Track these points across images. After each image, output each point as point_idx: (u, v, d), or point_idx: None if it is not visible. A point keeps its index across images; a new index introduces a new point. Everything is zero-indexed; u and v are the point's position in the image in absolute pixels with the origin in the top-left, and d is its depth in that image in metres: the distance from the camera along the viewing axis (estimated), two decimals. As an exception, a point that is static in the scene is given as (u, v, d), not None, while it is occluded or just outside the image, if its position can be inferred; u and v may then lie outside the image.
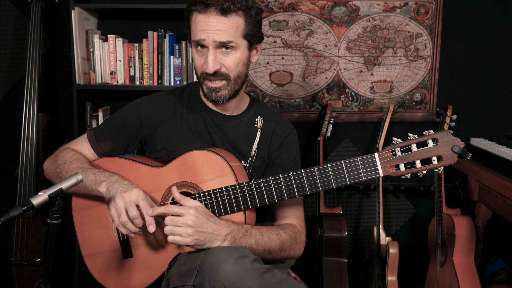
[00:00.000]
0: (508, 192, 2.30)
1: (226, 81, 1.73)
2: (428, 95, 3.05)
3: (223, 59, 1.70)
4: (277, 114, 1.97)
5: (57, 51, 3.11)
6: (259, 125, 1.89)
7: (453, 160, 1.47)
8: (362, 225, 3.22)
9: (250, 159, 1.86)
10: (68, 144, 1.95)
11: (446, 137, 1.47)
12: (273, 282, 1.50)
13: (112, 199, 1.65)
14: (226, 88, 1.74)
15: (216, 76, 1.71)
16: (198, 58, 1.74)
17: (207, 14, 1.66)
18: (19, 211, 1.36)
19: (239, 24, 1.68)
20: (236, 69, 1.73)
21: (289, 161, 1.90)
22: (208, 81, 1.73)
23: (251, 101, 1.95)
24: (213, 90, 1.74)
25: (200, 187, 1.71)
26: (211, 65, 1.68)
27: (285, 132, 1.92)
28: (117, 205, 1.63)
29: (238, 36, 1.69)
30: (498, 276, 2.97)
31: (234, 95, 1.79)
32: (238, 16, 1.68)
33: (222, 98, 1.75)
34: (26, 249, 2.82)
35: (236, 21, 1.68)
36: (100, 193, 1.71)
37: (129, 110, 1.90)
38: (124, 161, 1.85)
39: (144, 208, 1.62)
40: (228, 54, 1.70)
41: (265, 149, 1.90)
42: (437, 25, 2.98)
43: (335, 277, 2.70)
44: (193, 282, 1.53)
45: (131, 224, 1.63)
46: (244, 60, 1.76)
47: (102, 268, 1.87)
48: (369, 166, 1.53)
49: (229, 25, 1.66)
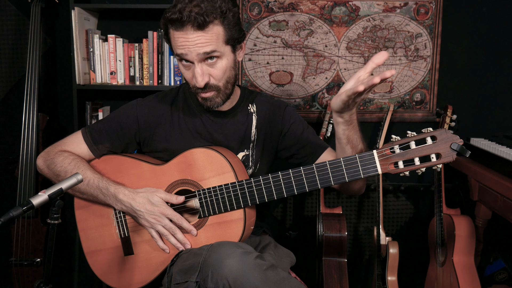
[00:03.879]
0: (508, 192, 2.29)
1: (216, 91, 1.75)
2: (428, 95, 3.05)
3: (210, 70, 1.70)
4: (266, 95, 2.01)
5: (57, 51, 3.11)
6: (253, 110, 1.92)
7: (452, 157, 1.47)
8: (362, 225, 3.22)
9: (252, 144, 1.88)
10: (62, 144, 1.91)
11: (445, 135, 1.47)
12: (275, 279, 1.51)
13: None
14: (218, 96, 1.77)
15: (206, 88, 1.73)
16: (186, 72, 1.74)
17: (184, 31, 1.63)
18: (19, 211, 1.36)
19: (219, 33, 1.66)
20: (224, 77, 1.74)
21: (299, 127, 1.93)
22: (201, 93, 1.75)
23: (242, 91, 1.97)
24: (206, 99, 1.76)
25: (200, 184, 1.72)
26: (200, 80, 1.68)
27: (281, 107, 1.95)
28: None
29: (220, 45, 1.67)
30: (498, 276, 2.97)
31: (227, 98, 1.81)
32: (216, 25, 1.65)
33: (216, 104, 1.78)
34: (26, 249, 2.81)
35: (216, 30, 1.65)
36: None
37: (126, 113, 1.90)
38: (126, 159, 1.85)
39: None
40: (214, 65, 1.70)
41: (266, 129, 1.92)
42: (437, 25, 2.98)
43: (335, 277, 2.69)
44: (196, 278, 1.54)
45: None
46: (231, 65, 1.75)
47: (104, 266, 1.87)
48: (367, 163, 1.52)
49: (208, 37, 1.64)
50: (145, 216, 1.73)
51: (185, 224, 1.72)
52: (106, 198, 1.78)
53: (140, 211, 1.73)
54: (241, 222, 1.68)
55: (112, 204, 1.79)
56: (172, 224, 1.73)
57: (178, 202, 1.74)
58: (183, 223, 1.72)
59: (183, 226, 1.72)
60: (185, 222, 1.72)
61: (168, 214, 1.72)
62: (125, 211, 1.78)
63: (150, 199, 1.72)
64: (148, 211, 1.72)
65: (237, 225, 1.69)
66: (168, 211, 1.72)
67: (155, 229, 1.75)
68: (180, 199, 1.73)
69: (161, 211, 1.72)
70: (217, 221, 1.71)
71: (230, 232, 1.69)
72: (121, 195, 1.75)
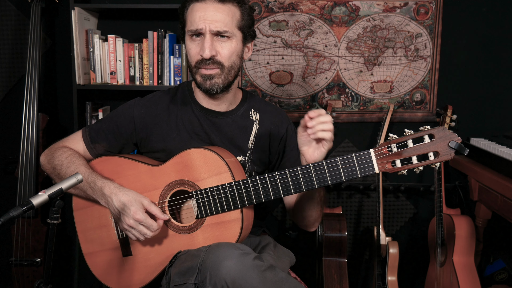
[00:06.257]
0: (508, 192, 2.29)
1: (220, 69, 1.76)
2: (428, 95, 3.04)
3: (219, 47, 1.75)
4: (271, 105, 2.01)
5: (57, 51, 3.12)
6: (255, 118, 1.91)
7: (450, 155, 1.46)
8: (362, 225, 3.21)
9: (249, 152, 1.88)
10: (64, 141, 1.94)
11: (443, 133, 1.46)
12: (274, 280, 1.50)
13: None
14: (220, 76, 1.77)
15: (211, 63, 1.74)
16: (194, 47, 1.77)
17: (205, 1, 1.73)
18: (19, 211, 1.36)
19: (234, 14, 1.75)
20: (230, 59, 1.77)
21: (294, 152, 1.94)
22: (203, 68, 1.76)
23: (244, 94, 1.97)
24: (207, 77, 1.76)
25: (197, 185, 1.71)
26: (207, 50, 1.72)
27: (284, 123, 1.95)
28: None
29: (233, 26, 1.75)
30: (498, 276, 2.96)
31: (228, 86, 1.81)
32: (234, 6, 1.75)
33: (216, 86, 1.77)
34: (26, 249, 2.82)
35: (233, 10, 1.75)
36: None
37: (123, 113, 1.91)
38: (123, 160, 1.85)
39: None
40: (224, 43, 1.75)
41: (265, 142, 1.92)
42: (437, 25, 2.97)
43: (335, 277, 2.69)
44: (194, 280, 1.54)
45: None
46: (238, 52, 1.80)
47: (102, 267, 1.88)
48: (364, 162, 1.52)
49: (225, 13, 1.72)
50: (120, 217, 1.71)
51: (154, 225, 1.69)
52: (94, 192, 1.76)
53: (116, 210, 1.70)
54: (238, 222, 1.68)
55: (98, 199, 1.76)
56: (145, 229, 1.69)
57: (164, 219, 1.71)
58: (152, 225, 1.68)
59: (152, 227, 1.69)
60: (154, 224, 1.68)
61: (140, 219, 1.67)
62: (108, 207, 1.75)
63: (134, 200, 1.69)
64: (124, 212, 1.68)
65: (235, 226, 1.68)
66: (140, 215, 1.67)
67: (130, 233, 1.71)
68: (165, 217, 1.72)
69: (133, 213, 1.67)
70: (214, 222, 1.71)
71: (228, 233, 1.69)
72: (106, 189, 1.73)
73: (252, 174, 1.90)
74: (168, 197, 1.76)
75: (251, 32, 1.84)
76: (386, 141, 1.52)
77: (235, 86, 1.90)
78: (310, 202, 1.79)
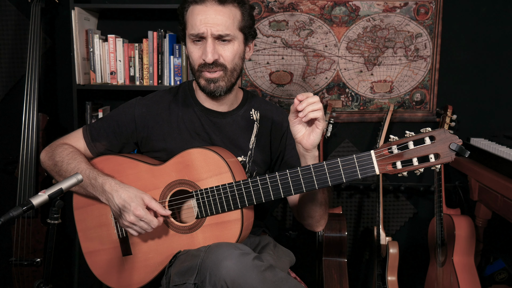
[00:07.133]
0: (508, 192, 2.29)
1: (223, 71, 1.76)
2: (428, 95, 3.04)
3: (221, 50, 1.74)
4: (271, 104, 2.01)
5: (57, 51, 3.12)
6: (255, 118, 1.91)
7: (451, 157, 1.46)
8: (362, 225, 3.22)
9: (250, 152, 1.88)
10: (65, 138, 1.94)
11: (444, 135, 1.46)
12: (273, 280, 1.50)
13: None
14: (224, 79, 1.77)
15: (214, 66, 1.74)
16: (196, 51, 1.76)
17: (205, 4, 1.71)
18: (19, 211, 1.36)
19: (235, 15, 1.74)
20: (233, 61, 1.77)
21: (295, 151, 1.91)
22: (206, 72, 1.75)
23: (245, 94, 1.97)
24: (211, 81, 1.76)
25: (197, 185, 1.71)
26: (210, 55, 1.71)
27: (284, 122, 1.94)
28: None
29: (235, 28, 1.74)
30: (498, 276, 2.96)
31: (231, 88, 1.81)
32: (235, 7, 1.74)
33: (220, 89, 1.77)
34: (26, 249, 2.82)
35: (233, 12, 1.73)
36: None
37: (124, 111, 1.91)
38: (124, 159, 1.85)
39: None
40: (226, 46, 1.75)
41: (266, 141, 1.91)
42: (437, 25, 2.97)
43: (335, 277, 2.69)
44: (194, 280, 1.53)
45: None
46: (240, 53, 1.80)
47: (102, 266, 1.87)
48: (365, 164, 1.52)
49: (226, 15, 1.71)
50: (120, 213, 1.70)
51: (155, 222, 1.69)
52: (95, 189, 1.75)
53: (117, 206, 1.69)
54: (238, 222, 1.68)
55: (99, 196, 1.75)
56: (146, 225, 1.68)
57: (165, 214, 1.71)
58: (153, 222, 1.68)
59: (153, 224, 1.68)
60: (155, 220, 1.68)
61: (141, 215, 1.66)
62: (108, 204, 1.74)
63: (135, 196, 1.68)
64: (125, 208, 1.68)
65: (235, 226, 1.68)
66: (140, 211, 1.66)
67: (132, 229, 1.71)
68: (166, 212, 1.71)
69: (133, 209, 1.66)
70: (214, 222, 1.71)
71: (228, 233, 1.69)
72: (107, 185, 1.72)
73: (253, 175, 1.89)
74: (168, 196, 1.76)
75: (252, 32, 1.83)
76: (386, 143, 1.51)
77: (237, 87, 1.90)
78: (312, 202, 1.79)
